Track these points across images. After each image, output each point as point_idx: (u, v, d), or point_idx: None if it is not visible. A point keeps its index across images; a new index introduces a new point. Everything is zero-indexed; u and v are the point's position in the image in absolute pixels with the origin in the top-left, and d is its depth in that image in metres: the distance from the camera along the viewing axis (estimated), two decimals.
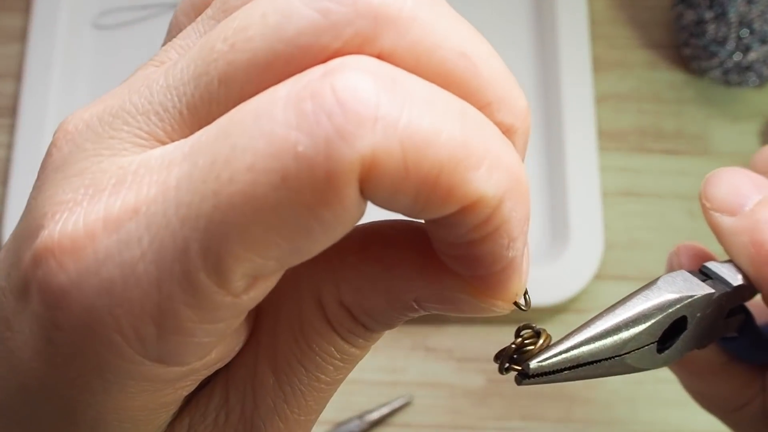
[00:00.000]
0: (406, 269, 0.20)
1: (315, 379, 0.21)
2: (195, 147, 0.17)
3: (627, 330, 0.26)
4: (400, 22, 0.18)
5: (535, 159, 0.59)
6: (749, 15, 0.57)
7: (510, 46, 0.62)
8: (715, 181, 0.31)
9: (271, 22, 0.18)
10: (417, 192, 0.17)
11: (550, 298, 0.54)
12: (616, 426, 0.54)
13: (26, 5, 0.63)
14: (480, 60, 0.18)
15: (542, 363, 0.24)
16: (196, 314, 0.17)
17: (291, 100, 0.16)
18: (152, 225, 0.17)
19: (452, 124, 0.17)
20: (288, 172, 0.16)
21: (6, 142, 0.59)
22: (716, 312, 0.29)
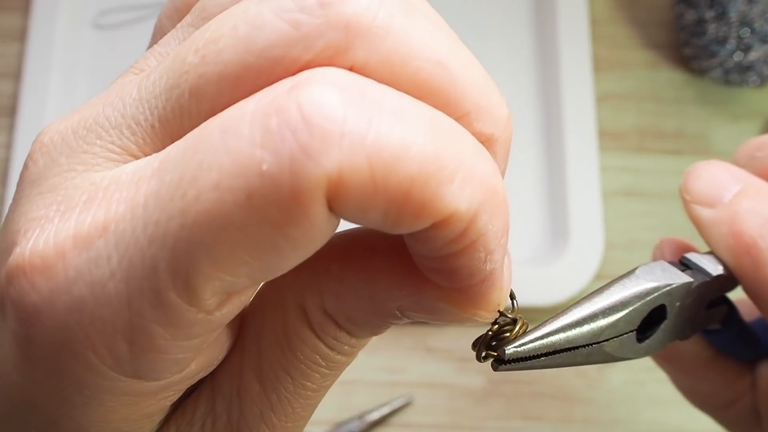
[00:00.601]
0: (388, 278, 0.20)
1: (301, 386, 0.21)
2: (164, 163, 0.17)
3: (604, 317, 0.26)
4: (373, 33, 0.17)
5: (535, 159, 0.59)
6: (750, 14, 0.57)
7: (510, 46, 0.62)
8: (694, 174, 0.31)
9: (242, 33, 0.17)
10: (387, 208, 0.16)
11: (550, 298, 0.54)
12: (616, 426, 0.53)
13: (25, 5, 0.62)
14: (457, 68, 0.18)
15: (518, 349, 0.24)
16: (169, 332, 0.17)
17: (257, 115, 0.16)
18: (121, 243, 0.17)
19: (423, 136, 0.16)
20: (253, 190, 0.16)
21: (5, 142, 0.59)
22: (696, 302, 0.29)
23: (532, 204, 0.58)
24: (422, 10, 0.18)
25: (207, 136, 0.17)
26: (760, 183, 0.31)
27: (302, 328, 0.20)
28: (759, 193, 0.30)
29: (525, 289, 0.54)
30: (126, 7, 0.63)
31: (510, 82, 0.61)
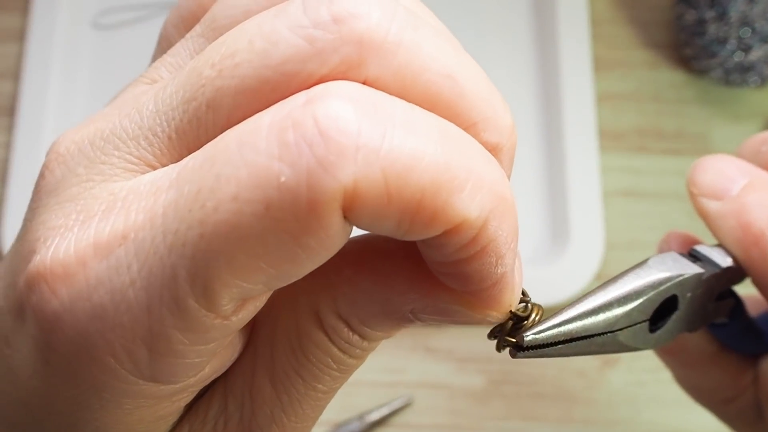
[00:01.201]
0: (401, 282, 0.20)
1: (312, 388, 0.21)
2: (182, 174, 0.18)
3: (619, 307, 0.26)
4: (385, 48, 0.18)
5: (535, 159, 0.59)
6: (750, 14, 0.57)
7: (510, 46, 0.62)
8: (701, 167, 0.32)
9: (258, 48, 0.18)
10: (400, 217, 0.17)
11: (550, 298, 0.54)
12: (617, 426, 0.53)
13: (25, 5, 0.62)
14: (465, 81, 0.19)
15: (536, 336, 0.24)
16: (187, 337, 0.18)
17: (274, 129, 0.17)
18: (141, 252, 0.17)
19: (434, 147, 0.17)
20: (271, 202, 0.16)
21: (5, 141, 0.59)
22: (706, 293, 0.29)
23: (532, 204, 0.58)
24: (431, 23, 0.19)
25: (224, 149, 0.17)
26: (766, 176, 0.31)
27: (315, 330, 0.21)
28: (766, 185, 0.30)
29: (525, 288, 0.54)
30: (126, 7, 0.63)
31: (510, 82, 0.61)
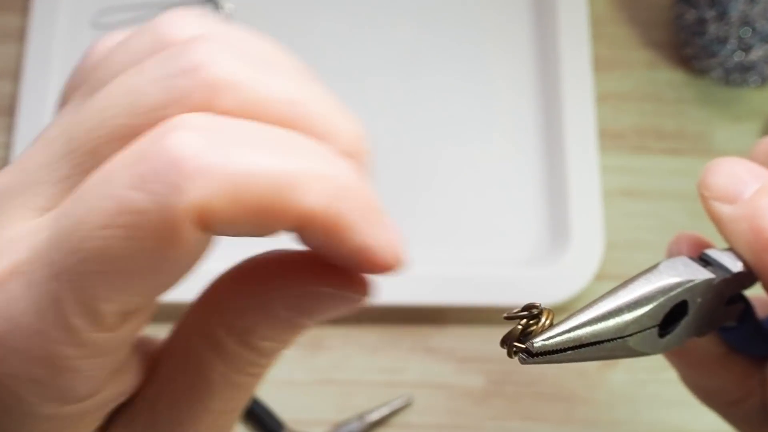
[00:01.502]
0: (275, 278, 0.23)
1: (209, 410, 0.23)
2: (59, 212, 0.20)
3: (629, 312, 0.26)
4: (233, 87, 0.21)
5: (535, 159, 0.59)
6: (750, 14, 0.57)
7: (510, 46, 0.62)
8: (713, 170, 0.31)
9: (126, 101, 0.21)
10: (253, 221, 0.20)
11: (550, 298, 0.54)
12: (617, 427, 0.53)
13: (25, 5, 0.62)
14: (308, 102, 0.22)
15: (546, 342, 0.24)
16: (80, 352, 0.20)
17: (128, 163, 0.19)
18: (29, 282, 0.20)
19: (269, 157, 0.20)
20: (133, 226, 0.19)
21: (5, 142, 0.59)
22: (716, 298, 0.29)
23: (532, 204, 0.58)
24: (276, 59, 0.22)
25: (91, 186, 0.20)
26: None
27: (209, 352, 0.22)
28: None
29: (525, 289, 0.54)
30: (125, 7, 0.63)
31: (510, 82, 0.61)
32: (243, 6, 0.64)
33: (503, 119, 0.60)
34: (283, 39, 0.71)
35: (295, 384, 0.54)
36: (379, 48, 0.62)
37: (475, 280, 0.55)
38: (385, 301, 0.54)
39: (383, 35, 0.63)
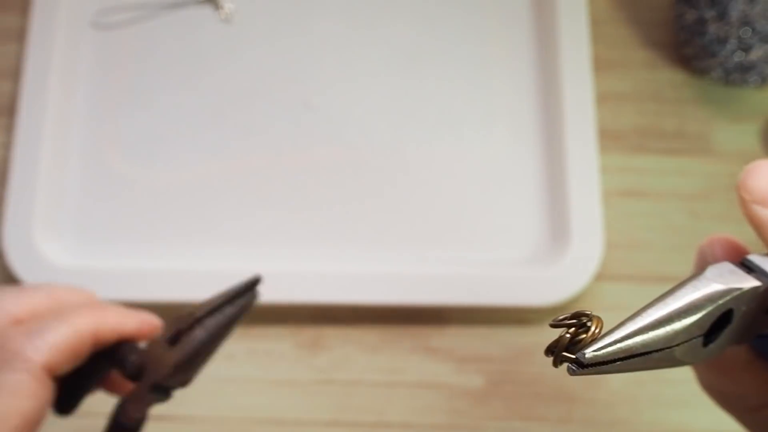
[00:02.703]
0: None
1: None
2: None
3: (679, 321, 0.25)
4: (16, 305, 0.38)
5: (535, 159, 0.59)
6: (750, 14, 0.57)
7: (510, 46, 0.62)
8: (755, 172, 0.30)
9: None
10: (69, 361, 0.37)
11: (550, 298, 0.54)
12: (617, 427, 0.53)
13: (25, 5, 0.62)
14: (56, 291, 0.39)
15: (597, 353, 0.23)
16: None
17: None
18: None
19: (62, 326, 0.37)
20: (13, 388, 0.34)
21: (5, 141, 0.59)
22: (760, 306, 0.28)
23: (532, 204, 0.58)
24: (27, 287, 0.40)
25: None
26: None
27: None
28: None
29: (525, 289, 0.54)
30: (125, 7, 0.63)
31: (510, 82, 0.61)
32: (243, 6, 0.64)
33: (503, 119, 0.60)
34: (283, 39, 0.71)
35: (295, 384, 0.54)
36: (379, 48, 0.62)
37: (475, 280, 0.55)
38: (385, 301, 0.54)
39: (383, 35, 0.63)
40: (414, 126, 0.60)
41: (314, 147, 0.60)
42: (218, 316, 0.39)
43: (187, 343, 0.39)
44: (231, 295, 0.40)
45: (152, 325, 0.40)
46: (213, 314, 0.39)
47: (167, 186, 0.58)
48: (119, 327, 0.39)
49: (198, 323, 0.39)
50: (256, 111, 0.60)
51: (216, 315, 0.39)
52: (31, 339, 0.36)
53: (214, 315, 0.39)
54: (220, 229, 0.58)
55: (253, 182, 0.59)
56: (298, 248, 0.57)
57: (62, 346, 0.36)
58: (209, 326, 0.39)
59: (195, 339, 0.39)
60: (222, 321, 0.39)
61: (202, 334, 0.39)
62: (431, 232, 0.57)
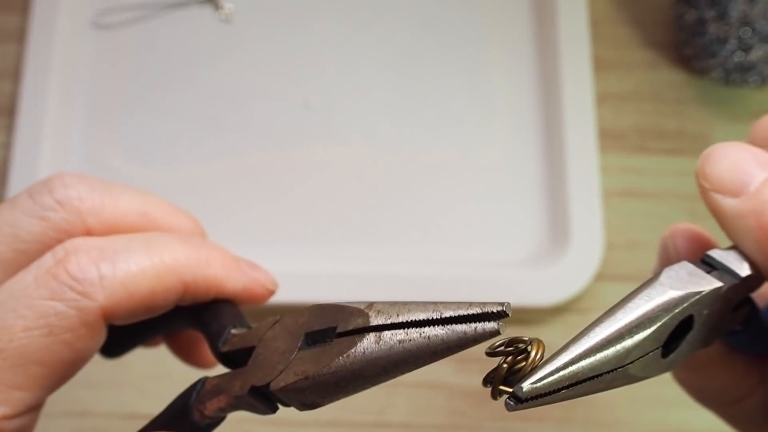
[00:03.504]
0: None
1: None
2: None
3: (630, 337, 0.23)
4: (95, 210, 0.28)
5: (535, 159, 0.59)
6: (750, 14, 0.57)
7: (510, 46, 0.62)
8: (714, 158, 0.28)
9: (8, 232, 0.27)
10: (147, 307, 0.28)
11: (550, 298, 0.54)
12: (617, 427, 0.53)
13: (25, 5, 0.62)
14: (153, 211, 0.30)
15: (536, 385, 0.21)
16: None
17: (40, 282, 0.26)
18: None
19: (145, 256, 0.27)
20: (52, 325, 0.26)
21: (5, 142, 0.59)
22: (723, 307, 0.26)
23: (532, 204, 0.58)
24: (120, 187, 0.30)
25: (5, 301, 0.26)
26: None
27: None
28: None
29: (525, 289, 0.54)
30: (125, 7, 0.63)
31: (510, 82, 0.61)
32: (243, 6, 0.64)
33: (503, 119, 0.60)
34: (283, 39, 0.71)
35: None
36: (379, 48, 0.62)
37: (475, 280, 0.55)
38: (385, 300, 0.54)
39: (383, 35, 0.63)
40: (414, 125, 0.60)
41: (314, 146, 0.60)
42: (412, 335, 0.24)
43: (343, 355, 0.24)
44: (445, 316, 0.23)
45: (266, 289, 0.31)
46: (404, 329, 0.24)
47: (167, 186, 0.58)
48: (224, 280, 0.29)
49: (373, 331, 0.24)
50: (256, 111, 0.60)
51: (408, 332, 0.24)
52: (99, 266, 0.26)
53: (405, 330, 0.24)
54: (219, 228, 0.58)
55: (252, 182, 0.59)
56: (298, 248, 0.57)
57: (135, 287, 0.27)
58: (389, 343, 0.24)
59: (360, 353, 0.24)
60: (414, 345, 0.24)
61: (375, 351, 0.24)
62: (431, 232, 0.57)
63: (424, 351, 0.23)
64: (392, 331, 0.24)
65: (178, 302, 0.29)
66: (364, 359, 0.24)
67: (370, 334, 0.24)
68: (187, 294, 0.28)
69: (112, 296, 0.26)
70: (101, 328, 0.27)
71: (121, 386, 0.53)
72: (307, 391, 0.25)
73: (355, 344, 0.24)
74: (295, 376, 0.25)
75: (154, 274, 0.27)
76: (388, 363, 0.24)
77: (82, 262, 0.26)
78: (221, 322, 0.29)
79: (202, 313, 0.29)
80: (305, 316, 0.26)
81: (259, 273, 0.31)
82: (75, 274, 0.26)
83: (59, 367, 0.26)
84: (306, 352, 0.25)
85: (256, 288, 0.31)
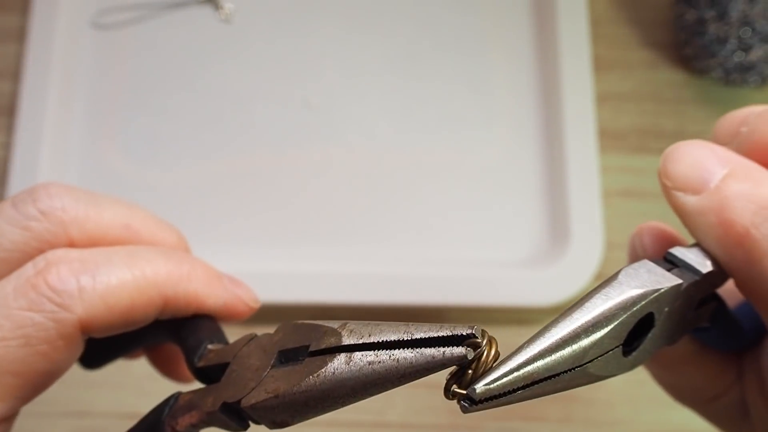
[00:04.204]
0: None
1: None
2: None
3: (587, 336, 0.23)
4: (78, 221, 0.28)
5: (535, 159, 0.59)
6: (750, 14, 0.57)
7: (510, 46, 0.62)
8: (674, 156, 0.28)
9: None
10: (125, 321, 0.27)
11: (550, 298, 0.54)
12: (617, 426, 0.53)
13: (25, 4, 0.62)
14: (138, 224, 0.29)
15: (490, 386, 0.21)
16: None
17: (19, 292, 0.26)
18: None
19: (125, 270, 0.27)
20: (29, 336, 0.25)
21: (5, 142, 0.59)
22: (686, 304, 0.26)
23: (532, 204, 0.58)
24: (106, 199, 0.29)
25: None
26: (749, 164, 0.27)
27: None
28: (749, 175, 0.27)
29: (525, 289, 0.54)
30: (125, 7, 0.63)
31: (510, 82, 0.61)
32: (243, 6, 0.64)
33: (503, 119, 0.60)
34: (282, 39, 0.71)
35: None
36: (379, 48, 0.62)
37: (475, 280, 0.55)
38: (385, 301, 0.54)
39: (383, 35, 0.63)
40: (414, 126, 0.60)
41: (314, 147, 0.60)
42: (382, 357, 0.23)
43: (313, 374, 0.24)
44: (416, 338, 0.23)
45: (248, 306, 0.31)
46: (373, 349, 0.23)
47: (167, 186, 0.58)
48: (205, 296, 0.29)
49: (344, 351, 0.24)
50: (256, 111, 0.60)
51: (378, 353, 0.23)
52: (78, 278, 0.26)
53: (375, 351, 0.23)
54: (219, 228, 0.58)
55: (252, 182, 0.59)
56: (298, 248, 0.57)
57: (114, 301, 0.26)
58: (359, 365, 0.23)
59: (330, 374, 0.24)
60: (383, 367, 0.23)
61: (344, 372, 0.23)
62: (431, 232, 0.57)
63: (393, 374, 0.23)
64: (363, 352, 0.23)
65: (158, 316, 0.28)
66: (333, 379, 0.23)
67: (341, 355, 0.23)
68: (167, 308, 0.28)
69: (90, 309, 0.26)
70: (79, 341, 0.27)
71: (121, 386, 0.53)
72: (276, 409, 0.25)
73: (325, 364, 0.24)
74: (266, 394, 0.25)
75: (134, 288, 0.27)
76: (356, 384, 0.23)
77: (63, 273, 0.26)
78: (198, 336, 0.29)
79: (180, 328, 0.29)
80: (280, 334, 0.26)
81: (240, 289, 0.31)
82: (54, 286, 0.26)
83: (34, 377, 0.26)
84: (278, 371, 0.25)
85: (237, 305, 0.30)
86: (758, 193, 0.26)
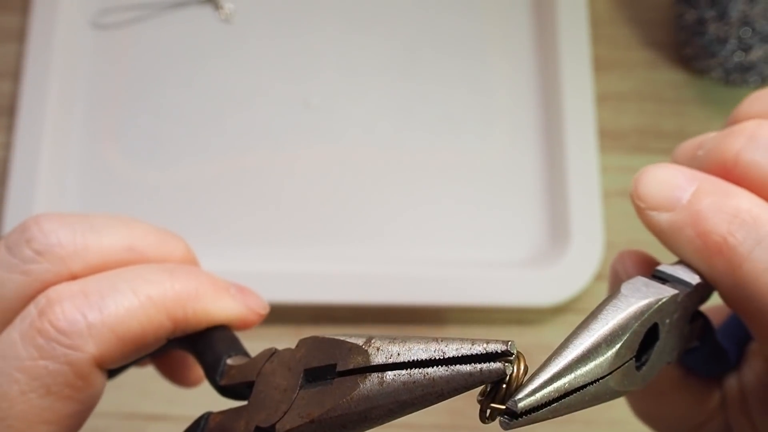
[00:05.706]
0: None
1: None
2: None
3: (608, 346, 0.24)
4: (77, 254, 0.27)
5: (535, 159, 0.59)
6: (750, 14, 0.57)
7: (510, 46, 0.62)
8: (645, 178, 0.29)
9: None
10: (139, 347, 0.26)
11: (551, 298, 0.54)
12: (617, 427, 0.53)
13: (25, 4, 0.62)
14: (140, 243, 0.28)
15: (531, 398, 0.21)
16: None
17: (26, 340, 0.25)
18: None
19: (130, 297, 0.26)
20: (48, 384, 0.25)
21: (5, 142, 0.59)
22: (683, 316, 0.27)
23: (532, 204, 0.58)
24: (102, 221, 0.28)
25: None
26: (714, 179, 0.28)
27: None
28: (717, 188, 0.27)
29: (525, 289, 0.54)
30: (125, 7, 0.63)
31: (510, 83, 0.61)
32: (243, 6, 0.64)
33: (503, 119, 0.60)
34: (283, 39, 0.71)
35: None
36: (379, 48, 0.62)
37: (475, 280, 0.55)
38: (385, 301, 0.54)
39: (383, 35, 0.63)
40: (414, 126, 0.60)
41: (314, 147, 0.60)
42: (416, 376, 0.22)
43: (347, 396, 0.23)
44: (452, 355, 0.22)
45: (257, 314, 0.31)
46: (407, 368, 0.23)
47: (167, 186, 0.58)
48: (214, 310, 0.29)
49: (375, 371, 0.23)
50: (256, 111, 0.60)
51: (412, 372, 0.22)
52: (85, 314, 0.25)
53: (407, 370, 0.22)
54: (219, 228, 0.58)
55: (252, 182, 0.59)
56: (298, 248, 0.57)
57: (125, 331, 0.26)
58: (393, 386, 0.23)
59: (363, 396, 0.23)
60: (418, 386, 0.22)
61: (379, 394, 0.23)
62: (431, 232, 0.57)
63: (431, 393, 0.23)
64: (395, 372, 0.23)
65: (170, 336, 0.28)
66: (369, 402, 0.23)
67: (373, 375, 0.23)
68: (178, 328, 0.27)
69: (102, 344, 0.25)
70: (98, 375, 0.26)
71: (121, 386, 0.53)
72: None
73: (357, 386, 0.23)
74: (301, 419, 0.24)
75: (143, 315, 0.26)
76: (393, 405, 0.23)
77: (67, 311, 0.25)
78: (216, 351, 0.28)
79: (195, 343, 0.29)
80: (302, 350, 0.26)
81: (249, 298, 0.30)
82: (61, 327, 0.25)
83: (67, 420, 0.25)
84: (308, 392, 0.24)
85: (248, 315, 0.30)
86: (729, 204, 0.27)
